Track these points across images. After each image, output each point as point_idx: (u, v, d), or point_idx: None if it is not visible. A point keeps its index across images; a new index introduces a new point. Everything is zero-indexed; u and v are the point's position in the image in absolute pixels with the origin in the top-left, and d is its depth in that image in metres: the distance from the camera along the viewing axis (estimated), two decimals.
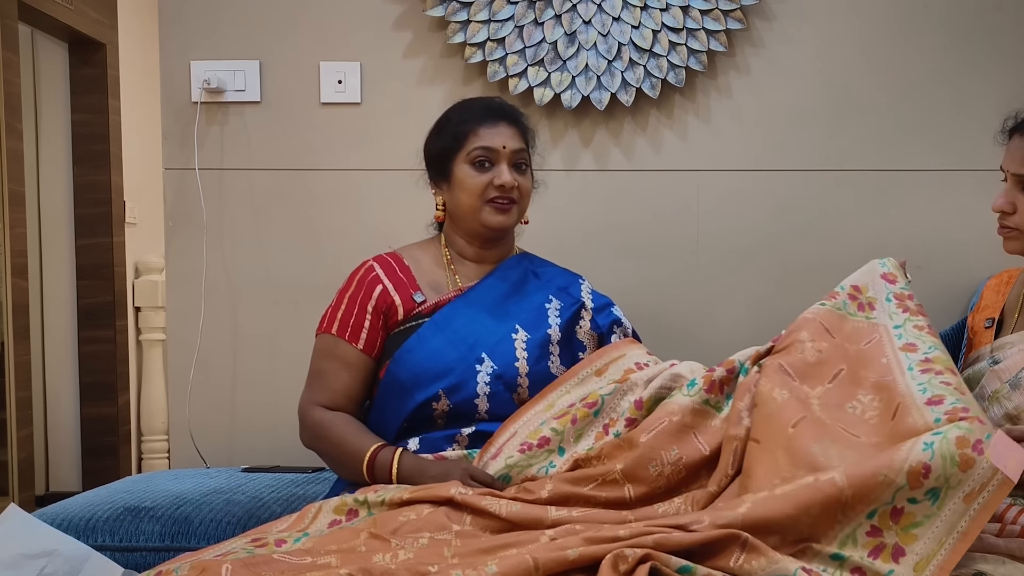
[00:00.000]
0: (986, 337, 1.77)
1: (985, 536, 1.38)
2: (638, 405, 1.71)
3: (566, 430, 1.71)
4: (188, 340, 2.51)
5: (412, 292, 1.90)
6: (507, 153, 1.88)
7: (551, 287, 1.98)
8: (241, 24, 2.51)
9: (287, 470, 2.33)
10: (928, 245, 2.48)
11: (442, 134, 1.93)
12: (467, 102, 1.98)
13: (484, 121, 1.89)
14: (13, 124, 3.47)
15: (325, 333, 1.90)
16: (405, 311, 1.88)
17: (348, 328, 1.87)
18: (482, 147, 1.87)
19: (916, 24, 2.48)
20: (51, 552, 1.60)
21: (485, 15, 2.42)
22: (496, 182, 1.86)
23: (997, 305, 1.81)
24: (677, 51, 2.44)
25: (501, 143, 1.88)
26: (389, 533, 1.45)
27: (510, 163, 1.88)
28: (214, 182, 2.52)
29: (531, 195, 1.96)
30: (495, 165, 1.88)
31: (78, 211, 4.04)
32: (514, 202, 1.89)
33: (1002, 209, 1.66)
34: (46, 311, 4.06)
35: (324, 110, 2.51)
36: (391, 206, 2.49)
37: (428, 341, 1.84)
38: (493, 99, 2.00)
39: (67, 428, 4.06)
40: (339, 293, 1.93)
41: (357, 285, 1.91)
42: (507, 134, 1.89)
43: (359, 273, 1.93)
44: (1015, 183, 1.64)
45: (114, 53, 4.12)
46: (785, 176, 2.51)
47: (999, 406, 1.58)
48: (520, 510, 1.50)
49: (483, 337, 1.85)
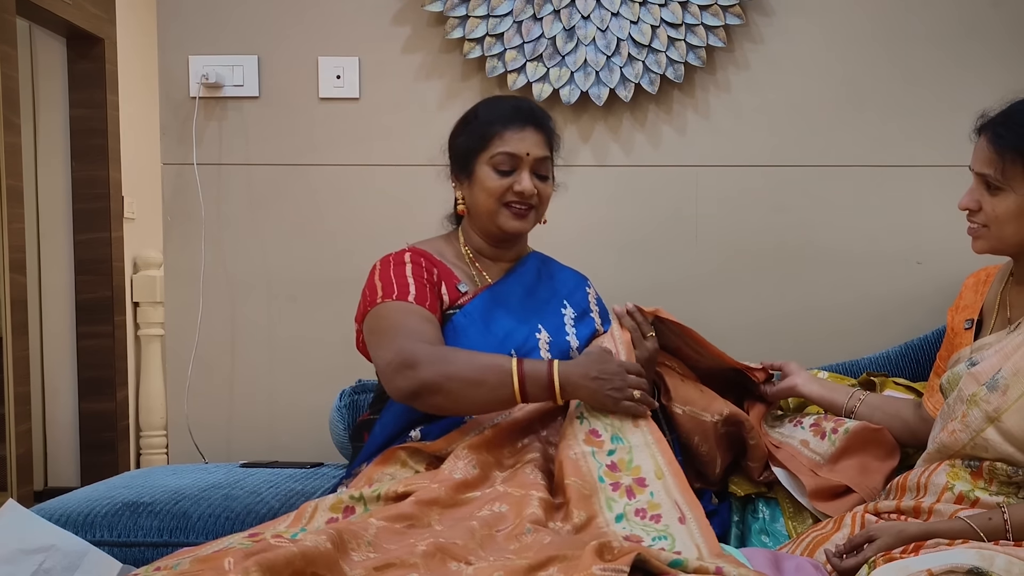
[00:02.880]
0: (966, 338, 1.77)
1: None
2: None
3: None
4: (186, 335, 2.51)
5: (456, 282, 1.88)
6: (530, 160, 1.85)
7: (563, 290, 1.98)
8: (239, 19, 2.51)
9: (285, 465, 2.33)
10: (926, 241, 2.49)
11: (467, 131, 1.90)
12: (496, 100, 1.95)
13: (511, 124, 1.85)
14: (11, 119, 3.46)
15: (386, 301, 1.78)
16: (451, 299, 1.86)
17: (414, 293, 1.79)
18: (505, 152, 1.84)
19: (914, 20, 2.48)
20: (49, 547, 1.60)
21: (484, 10, 2.42)
22: (516, 188, 1.84)
23: (976, 305, 1.81)
24: (676, 47, 2.43)
25: (525, 149, 1.84)
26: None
27: (532, 170, 1.86)
28: (212, 177, 2.52)
29: (550, 199, 1.93)
30: (517, 170, 1.85)
31: (76, 206, 4.04)
32: (532, 207, 1.88)
33: (967, 207, 1.68)
34: (44, 306, 4.06)
35: (322, 105, 2.51)
36: (390, 201, 2.49)
37: (465, 331, 1.81)
38: (522, 100, 1.95)
39: (65, 423, 4.06)
40: (395, 273, 1.83)
41: (414, 263, 1.84)
42: (532, 140, 1.86)
43: (407, 254, 1.86)
44: (979, 182, 1.66)
45: (112, 48, 4.11)
46: (784, 171, 2.51)
47: (978, 409, 1.58)
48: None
49: (512, 332, 1.85)
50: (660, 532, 1.54)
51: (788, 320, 2.51)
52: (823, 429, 1.88)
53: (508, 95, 1.97)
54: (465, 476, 1.61)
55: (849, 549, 1.49)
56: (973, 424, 1.58)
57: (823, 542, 1.58)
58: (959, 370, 1.67)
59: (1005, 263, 1.79)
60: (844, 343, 2.46)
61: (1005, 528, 1.47)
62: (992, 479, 1.57)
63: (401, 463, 1.76)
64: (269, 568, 1.21)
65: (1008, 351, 1.61)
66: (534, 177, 1.86)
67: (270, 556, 1.22)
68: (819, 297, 2.51)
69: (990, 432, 1.56)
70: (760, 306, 2.51)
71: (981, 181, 1.65)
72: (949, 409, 1.65)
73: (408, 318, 1.76)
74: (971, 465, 1.60)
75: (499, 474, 1.68)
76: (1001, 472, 1.56)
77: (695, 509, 1.57)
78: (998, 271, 1.82)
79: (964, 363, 1.67)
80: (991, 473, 1.57)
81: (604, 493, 1.61)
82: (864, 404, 1.91)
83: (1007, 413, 1.55)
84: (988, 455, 1.57)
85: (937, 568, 1.31)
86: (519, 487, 1.60)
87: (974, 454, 1.59)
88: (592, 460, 1.65)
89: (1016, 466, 1.55)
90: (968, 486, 1.58)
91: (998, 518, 1.48)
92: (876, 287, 2.51)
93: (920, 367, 2.32)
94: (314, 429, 2.37)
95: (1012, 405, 1.55)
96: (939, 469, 1.62)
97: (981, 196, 1.66)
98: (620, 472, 1.64)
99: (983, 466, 1.58)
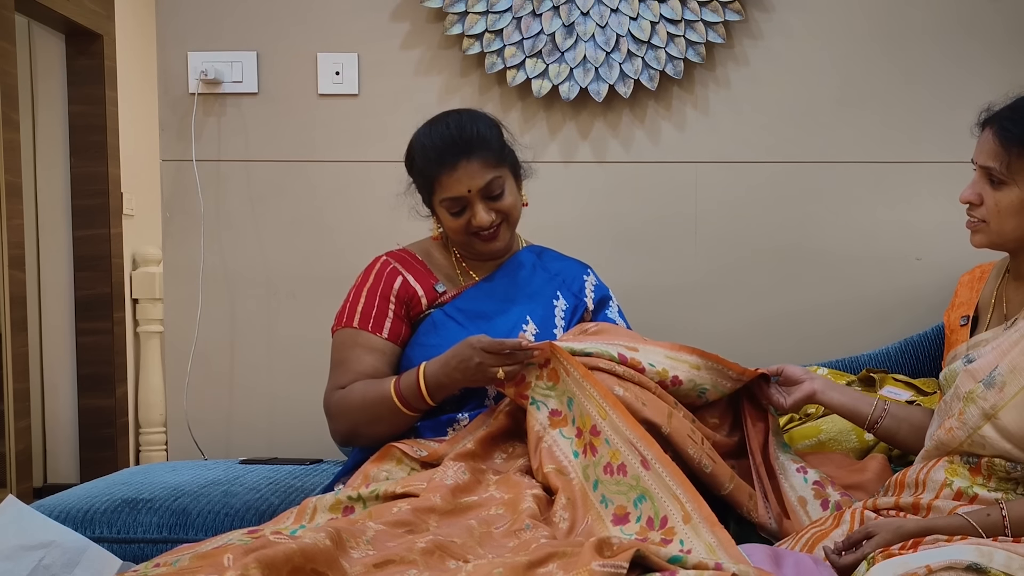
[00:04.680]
0: (962, 335, 1.77)
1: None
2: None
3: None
4: (186, 332, 2.51)
5: (434, 283, 1.90)
6: (475, 194, 1.83)
7: (557, 281, 1.99)
8: (238, 15, 2.50)
9: (285, 462, 2.33)
10: (925, 237, 2.49)
11: (413, 173, 1.91)
12: (426, 137, 1.87)
13: (443, 167, 1.82)
14: (10, 115, 3.45)
15: (345, 328, 1.88)
16: (428, 301, 1.89)
17: (371, 319, 1.86)
18: (449, 198, 1.84)
19: (914, 15, 2.48)
20: (49, 544, 1.60)
21: (483, 6, 2.42)
22: (473, 223, 1.84)
23: (971, 301, 1.81)
24: (675, 43, 2.43)
25: (465, 188, 1.82)
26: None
27: (482, 197, 1.84)
28: (211, 173, 2.52)
29: (519, 199, 1.91)
30: (469, 206, 1.84)
31: (75, 202, 4.04)
32: (499, 224, 1.88)
33: (969, 200, 1.67)
34: (44, 303, 4.06)
35: (321, 101, 2.51)
36: (389, 197, 2.47)
37: (442, 327, 1.85)
38: (450, 127, 1.85)
39: (65, 420, 4.06)
40: (354, 289, 1.91)
41: (375, 278, 1.90)
42: (469, 172, 1.81)
43: (374, 267, 1.92)
44: (982, 175, 1.65)
45: (111, 44, 4.10)
46: (783, 167, 2.51)
47: (975, 406, 1.58)
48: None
49: (497, 327, 1.86)
50: (631, 487, 1.56)
51: (787, 316, 2.51)
52: (826, 495, 1.76)
53: (440, 121, 1.87)
54: (457, 481, 1.61)
55: (848, 546, 1.49)
56: (970, 421, 1.58)
57: (822, 538, 1.58)
58: (955, 367, 1.67)
59: (1001, 259, 1.78)
60: (843, 340, 2.46)
61: (1004, 524, 1.47)
62: (991, 475, 1.57)
63: (396, 460, 1.76)
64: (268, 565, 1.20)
65: (1005, 348, 1.61)
66: (487, 202, 1.84)
67: (269, 552, 1.22)
68: (818, 293, 2.51)
69: (987, 429, 1.56)
70: (759, 302, 2.51)
71: (984, 174, 1.65)
72: (946, 406, 1.65)
73: (350, 352, 1.86)
74: (969, 461, 1.60)
75: (492, 477, 1.69)
76: (999, 468, 1.56)
77: (652, 448, 1.58)
78: (993, 268, 1.81)
79: (961, 360, 1.67)
80: (989, 469, 1.57)
81: (580, 465, 1.63)
82: (889, 416, 1.83)
83: (1004, 410, 1.55)
84: (986, 452, 1.57)
85: (936, 564, 1.31)
86: (511, 488, 1.61)
87: (972, 451, 1.59)
88: (562, 439, 1.67)
89: (1014, 462, 1.55)
90: (967, 482, 1.58)
91: (996, 515, 1.48)
92: (875, 283, 2.51)
93: (920, 363, 2.32)
94: (313, 426, 2.35)
95: (1009, 402, 1.55)
96: (938, 465, 1.62)
97: (983, 190, 1.65)
98: (583, 433, 1.66)
99: (981, 462, 1.58)
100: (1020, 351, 1.58)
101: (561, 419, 1.69)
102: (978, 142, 1.67)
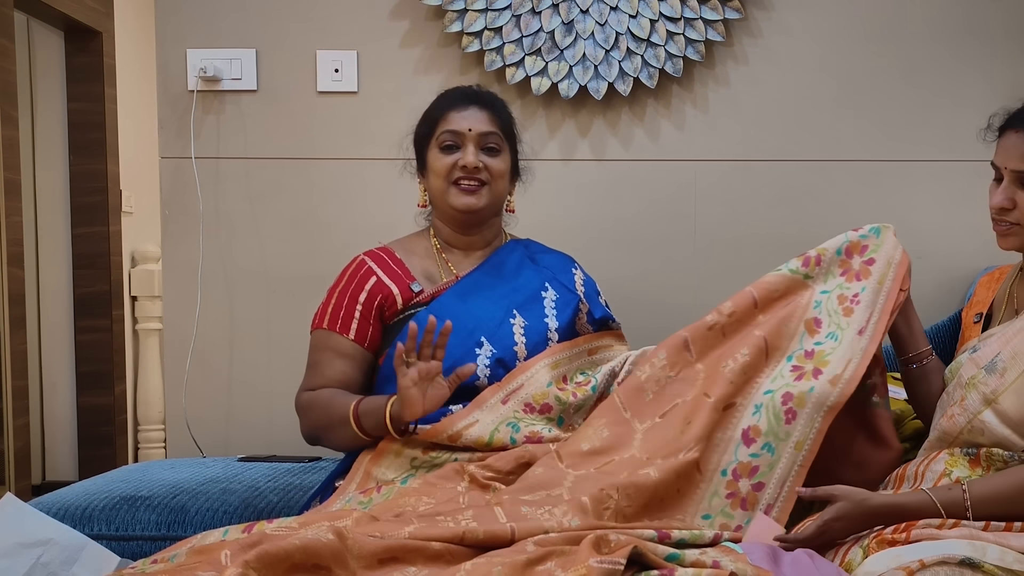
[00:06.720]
0: (974, 332, 1.78)
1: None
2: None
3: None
4: (184, 329, 2.51)
5: (409, 282, 1.91)
6: (473, 135, 1.89)
7: (546, 274, 1.99)
8: (237, 12, 2.50)
9: (283, 459, 2.33)
10: (925, 235, 2.48)
11: (420, 121, 1.97)
12: (447, 91, 2.00)
13: (454, 106, 1.92)
14: (9, 112, 3.45)
15: (317, 329, 1.91)
16: (404, 301, 1.89)
17: (339, 321, 1.88)
18: (449, 130, 1.90)
19: (914, 14, 2.48)
20: (47, 541, 1.60)
21: (482, 4, 2.42)
22: (460, 162, 1.88)
23: (987, 300, 1.82)
24: (675, 41, 2.43)
25: (467, 126, 1.90)
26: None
27: (477, 145, 1.90)
28: (210, 171, 2.51)
29: (508, 180, 1.96)
30: (461, 147, 1.89)
31: (74, 200, 4.03)
32: (483, 183, 1.90)
33: (1002, 206, 1.65)
34: (42, 300, 4.05)
35: (321, 99, 2.51)
36: (388, 195, 2.48)
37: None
38: (471, 86, 2.02)
39: (63, 417, 4.06)
40: (329, 290, 1.94)
41: (348, 279, 1.92)
42: (476, 117, 1.91)
43: (350, 268, 1.95)
44: (1014, 179, 1.63)
45: (110, 41, 4.09)
46: (782, 166, 2.51)
47: (976, 392, 1.59)
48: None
49: (482, 322, 1.87)
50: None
51: None
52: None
53: (460, 86, 2.03)
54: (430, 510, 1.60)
55: (810, 498, 1.52)
56: (971, 407, 1.59)
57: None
58: (961, 358, 1.68)
59: (1020, 260, 1.78)
60: None
61: (964, 503, 1.47)
62: (989, 466, 1.58)
63: (395, 453, 1.77)
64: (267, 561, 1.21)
65: (1008, 336, 1.62)
66: (481, 152, 1.90)
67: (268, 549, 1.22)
68: None
69: (987, 414, 1.57)
70: None
71: (1015, 178, 1.63)
72: (948, 396, 1.66)
73: (321, 355, 1.89)
74: (969, 452, 1.61)
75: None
76: (998, 458, 1.57)
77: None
78: (1012, 269, 1.82)
79: (968, 351, 1.68)
80: (988, 460, 1.58)
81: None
82: (934, 362, 1.80)
83: (1004, 395, 1.56)
84: (984, 440, 1.58)
85: (929, 559, 1.32)
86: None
87: (971, 439, 1.60)
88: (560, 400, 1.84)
89: (1012, 451, 1.56)
90: (966, 472, 1.58)
91: (957, 492, 1.49)
92: None
93: None
94: None
95: (1009, 387, 1.56)
96: (938, 457, 1.63)
97: (1015, 194, 1.64)
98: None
99: (980, 453, 1.59)
100: (1023, 339, 1.58)
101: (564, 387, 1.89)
102: (1001, 145, 1.66)
